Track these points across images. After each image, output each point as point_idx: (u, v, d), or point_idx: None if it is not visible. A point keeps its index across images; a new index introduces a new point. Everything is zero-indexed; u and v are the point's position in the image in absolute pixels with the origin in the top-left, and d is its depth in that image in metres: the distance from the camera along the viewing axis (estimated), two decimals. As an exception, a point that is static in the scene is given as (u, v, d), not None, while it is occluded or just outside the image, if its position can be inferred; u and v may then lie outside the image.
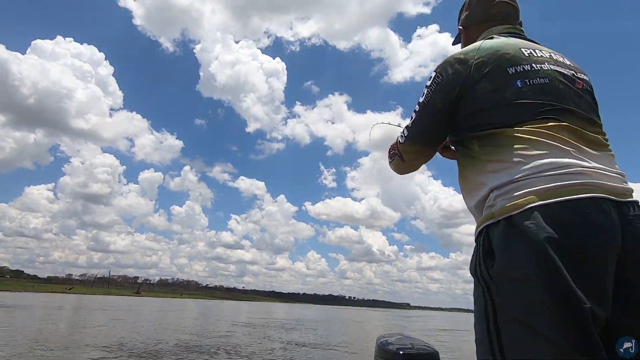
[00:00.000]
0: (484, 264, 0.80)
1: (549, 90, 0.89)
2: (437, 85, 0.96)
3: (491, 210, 0.83)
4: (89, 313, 18.67)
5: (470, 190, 0.95)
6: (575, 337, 0.70)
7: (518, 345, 0.73)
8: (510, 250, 0.77)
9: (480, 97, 0.90)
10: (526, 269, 0.73)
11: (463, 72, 0.93)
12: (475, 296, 0.84)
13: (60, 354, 6.36)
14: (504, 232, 0.79)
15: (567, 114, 0.87)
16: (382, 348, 1.51)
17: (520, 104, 0.87)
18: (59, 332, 9.83)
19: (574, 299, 0.70)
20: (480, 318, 0.81)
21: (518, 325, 0.73)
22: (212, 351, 7.44)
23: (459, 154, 1.02)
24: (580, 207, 0.75)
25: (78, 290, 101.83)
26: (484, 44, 0.97)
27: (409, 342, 1.50)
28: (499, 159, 0.86)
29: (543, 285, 0.72)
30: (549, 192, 0.77)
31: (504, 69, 0.91)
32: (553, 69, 0.93)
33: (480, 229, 0.85)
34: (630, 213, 0.80)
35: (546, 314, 0.71)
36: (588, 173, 0.80)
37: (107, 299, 52.14)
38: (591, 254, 0.74)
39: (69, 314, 17.17)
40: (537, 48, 0.98)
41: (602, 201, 0.77)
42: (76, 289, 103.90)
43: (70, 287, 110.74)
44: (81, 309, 22.24)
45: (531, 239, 0.74)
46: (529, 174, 0.80)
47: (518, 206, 0.78)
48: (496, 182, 0.84)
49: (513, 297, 0.75)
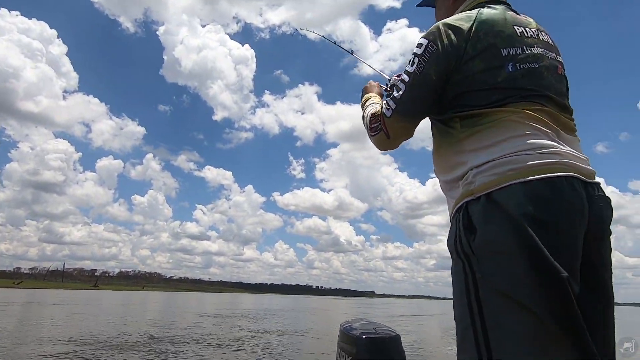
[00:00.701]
0: (465, 239, 0.81)
1: (536, 76, 0.90)
2: (431, 56, 0.90)
3: (470, 187, 0.84)
4: (43, 307, 17.64)
5: (445, 167, 0.94)
6: (556, 306, 0.72)
7: (501, 317, 0.74)
8: (492, 225, 0.78)
9: (469, 76, 0.89)
10: (507, 242, 0.75)
11: (459, 44, 0.89)
12: (454, 272, 0.84)
13: (18, 350, 6.09)
14: (484, 207, 0.80)
15: (548, 100, 0.90)
16: (346, 333, 1.53)
17: (509, 88, 0.87)
18: (11, 327, 9.28)
19: (553, 270, 0.73)
20: (460, 293, 0.81)
21: (500, 298, 0.74)
22: (181, 342, 7.42)
23: (437, 131, 0.99)
24: (555, 184, 0.79)
25: (28, 284, 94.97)
26: (480, 15, 0.92)
27: (372, 327, 1.54)
28: (481, 138, 0.86)
29: (524, 258, 0.74)
30: (529, 169, 0.79)
31: (498, 50, 0.89)
32: (541, 53, 0.93)
33: (459, 206, 0.86)
34: (595, 193, 0.84)
35: (527, 285, 0.73)
36: (563, 154, 0.84)
37: (62, 293, 49.29)
38: (564, 228, 0.77)
39: (20, 309, 16.13)
40: (527, 25, 0.96)
41: (573, 180, 0.81)
42: (26, 283, 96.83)
43: (19, 281, 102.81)
44: (34, 303, 20.92)
45: (511, 213, 0.76)
46: (510, 153, 0.82)
47: (499, 183, 0.80)
48: (476, 161, 0.85)
49: (495, 270, 0.76)
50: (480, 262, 0.78)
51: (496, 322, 0.74)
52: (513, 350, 0.71)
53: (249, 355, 6.20)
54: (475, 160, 0.85)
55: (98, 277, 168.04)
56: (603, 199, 0.86)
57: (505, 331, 0.73)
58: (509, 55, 0.89)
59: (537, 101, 0.88)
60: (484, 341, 0.74)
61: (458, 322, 0.82)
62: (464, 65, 0.89)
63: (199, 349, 6.60)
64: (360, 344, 1.40)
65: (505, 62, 0.88)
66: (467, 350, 0.77)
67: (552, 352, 0.71)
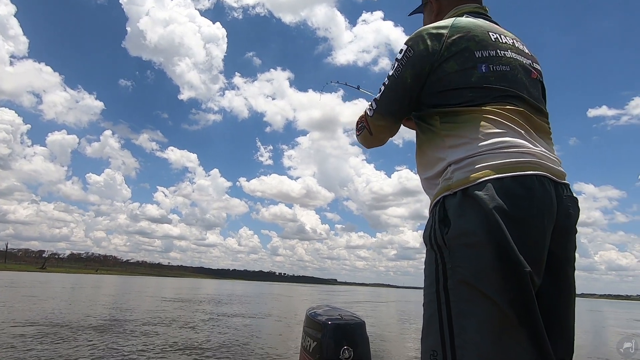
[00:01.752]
0: (439, 231, 0.85)
1: (509, 78, 0.95)
2: (408, 60, 0.97)
3: (448, 183, 0.88)
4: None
5: (427, 164, 0.99)
6: (516, 298, 0.76)
7: (465, 305, 0.78)
8: (464, 218, 0.82)
9: (445, 77, 0.94)
10: (478, 235, 0.79)
11: (435, 48, 0.95)
12: (427, 262, 0.89)
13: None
14: (460, 202, 0.84)
15: (521, 101, 0.94)
16: (312, 319, 1.54)
17: (483, 87, 0.92)
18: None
19: (518, 264, 0.77)
20: (430, 282, 0.86)
21: (466, 287, 0.79)
22: (142, 323, 7.26)
23: (419, 129, 1.04)
24: (527, 182, 0.83)
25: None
26: (456, 22, 0.98)
27: (337, 313, 1.56)
28: (459, 134, 0.91)
29: (491, 250, 0.78)
30: (503, 167, 0.84)
31: (471, 52, 0.94)
32: (514, 57, 0.98)
33: (436, 200, 0.91)
34: (564, 193, 0.90)
35: (491, 277, 0.77)
36: (535, 154, 0.88)
37: (4, 274, 45.82)
38: (534, 224, 0.81)
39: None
40: (502, 33, 1.02)
41: (544, 179, 0.85)
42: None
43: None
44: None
45: (484, 208, 0.80)
46: (485, 150, 0.86)
47: (474, 179, 0.84)
48: (454, 156, 0.90)
49: (463, 261, 0.80)
50: (451, 254, 0.82)
51: (460, 310, 0.79)
52: (473, 336, 0.77)
53: (214, 336, 6.21)
54: (453, 155, 0.90)
55: (46, 259, 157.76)
56: (571, 199, 0.92)
57: (468, 318, 0.78)
58: (482, 57, 0.94)
59: (510, 102, 0.93)
60: (448, 327, 0.80)
61: (426, 309, 0.86)
62: (439, 67, 0.95)
63: (162, 331, 6.50)
64: (326, 330, 1.45)
65: (478, 63, 0.93)
66: (432, 335, 0.83)
67: (508, 340, 0.76)
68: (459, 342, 0.78)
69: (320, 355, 1.43)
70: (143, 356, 4.83)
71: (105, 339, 5.72)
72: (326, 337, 1.44)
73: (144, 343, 5.62)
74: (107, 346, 5.24)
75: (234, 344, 6.00)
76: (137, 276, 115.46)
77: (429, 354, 0.83)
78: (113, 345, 5.35)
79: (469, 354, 0.77)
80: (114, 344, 5.39)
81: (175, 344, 5.69)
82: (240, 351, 5.53)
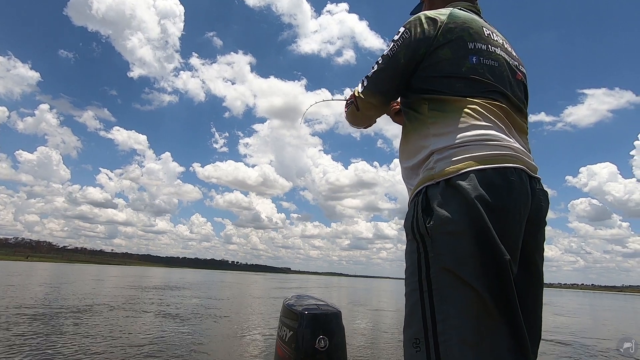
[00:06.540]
0: (422, 220, 0.87)
1: (496, 73, 0.98)
2: (404, 41, 1.00)
3: (431, 173, 0.90)
4: None
5: (409, 152, 1.01)
6: (496, 285, 0.79)
7: (446, 292, 0.80)
8: (447, 207, 0.84)
9: (438, 63, 0.96)
10: (460, 224, 0.81)
11: (431, 32, 0.98)
12: (409, 251, 0.90)
13: None
14: (442, 191, 0.86)
15: (505, 98, 0.98)
16: (289, 309, 1.55)
17: (472, 78, 0.95)
18: None
19: (498, 252, 0.80)
20: (413, 270, 0.87)
21: (447, 275, 0.81)
22: (78, 312, 6.73)
23: (406, 117, 1.05)
24: (507, 174, 0.87)
25: None
26: (454, 12, 1.02)
27: (314, 303, 1.58)
28: (445, 123, 0.93)
29: (473, 238, 0.80)
30: (485, 158, 0.87)
31: (465, 42, 0.97)
32: (503, 55, 1.03)
33: (418, 190, 0.93)
34: (537, 187, 0.95)
35: (472, 264, 0.79)
36: (514, 148, 0.92)
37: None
38: (512, 214, 0.85)
39: None
40: (494, 32, 1.07)
41: (521, 172, 0.90)
42: None
43: None
44: None
45: (467, 197, 0.82)
46: (469, 141, 0.89)
47: (458, 169, 0.86)
48: (438, 145, 0.92)
49: (445, 248, 0.82)
50: (434, 242, 0.84)
51: (442, 296, 0.81)
52: (454, 323, 0.79)
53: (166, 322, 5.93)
54: (437, 144, 0.92)
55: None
56: (543, 192, 0.97)
57: (449, 305, 0.80)
58: (474, 49, 0.98)
59: (496, 97, 0.96)
60: (430, 315, 0.81)
61: (408, 298, 0.88)
62: (434, 52, 0.97)
63: (100, 319, 6.07)
64: (303, 320, 1.45)
65: (470, 54, 0.97)
66: (414, 323, 0.84)
67: (488, 326, 0.79)
68: (441, 329, 0.79)
69: (296, 344, 1.43)
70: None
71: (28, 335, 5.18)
72: (302, 326, 1.44)
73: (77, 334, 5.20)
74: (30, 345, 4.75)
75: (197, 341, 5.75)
76: (74, 264, 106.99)
77: (411, 342, 0.83)
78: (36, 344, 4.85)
79: (451, 339, 0.78)
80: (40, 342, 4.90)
81: (123, 336, 5.33)
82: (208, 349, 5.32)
